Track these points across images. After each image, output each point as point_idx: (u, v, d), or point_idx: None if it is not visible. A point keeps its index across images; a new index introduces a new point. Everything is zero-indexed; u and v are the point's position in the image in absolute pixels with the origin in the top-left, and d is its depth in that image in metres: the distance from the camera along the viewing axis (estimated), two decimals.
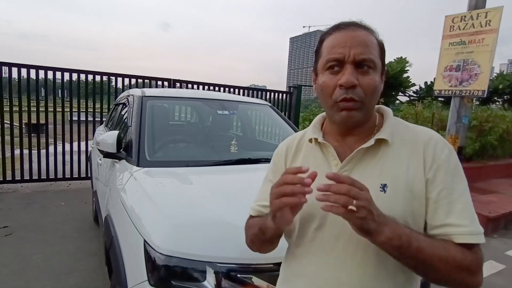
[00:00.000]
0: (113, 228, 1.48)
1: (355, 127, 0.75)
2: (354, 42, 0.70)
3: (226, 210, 1.19)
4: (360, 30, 0.72)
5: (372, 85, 0.70)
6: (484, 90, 4.05)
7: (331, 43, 0.72)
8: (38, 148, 4.70)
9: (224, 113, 2.40)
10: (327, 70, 0.72)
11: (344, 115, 0.71)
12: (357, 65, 0.69)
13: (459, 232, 0.66)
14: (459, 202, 0.68)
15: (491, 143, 6.04)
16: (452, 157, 0.71)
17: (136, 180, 1.56)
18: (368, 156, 0.73)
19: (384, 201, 0.67)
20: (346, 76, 0.68)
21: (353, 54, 0.69)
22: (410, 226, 0.67)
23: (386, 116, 0.78)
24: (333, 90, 0.71)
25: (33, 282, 2.32)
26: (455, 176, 0.70)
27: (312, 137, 0.80)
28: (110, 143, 1.83)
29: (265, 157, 2.05)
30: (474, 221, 0.68)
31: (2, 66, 4.28)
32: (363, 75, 0.69)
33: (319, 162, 0.78)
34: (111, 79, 5.12)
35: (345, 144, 0.77)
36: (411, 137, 0.74)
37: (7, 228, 3.18)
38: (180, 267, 1.06)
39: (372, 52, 0.70)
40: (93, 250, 2.81)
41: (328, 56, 0.72)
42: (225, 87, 5.76)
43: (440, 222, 0.68)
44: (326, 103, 0.74)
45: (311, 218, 0.76)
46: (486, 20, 4.09)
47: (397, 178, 0.70)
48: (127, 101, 2.53)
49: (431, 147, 0.71)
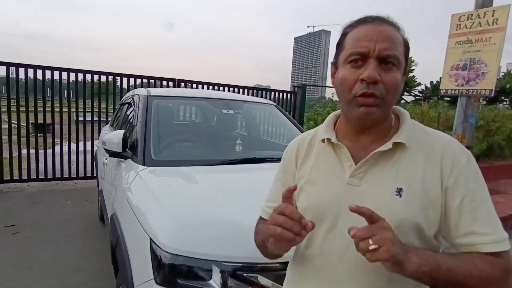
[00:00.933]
0: (119, 227, 1.49)
1: (371, 126, 0.73)
2: (380, 36, 0.67)
3: (232, 209, 1.19)
4: (386, 25, 0.69)
5: (394, 83, 0.68)
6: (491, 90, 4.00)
7: (356, 36, 0.70)
8: (44, 147, 4.75)
9: (229, 112, 2.40)
10: (349, 63, 0.70)
11: (362, 111, 0.68)
12: (380, 61, 0.67)
13: (485, 241, 0.65)
14: (483, 209, 0.67)
15: (498, 143, 5.97)
16: (471, 163, 0.70)
17: (142, 179, 1.57)
18: (383, 159, 0.71)
19: (399, 206, 0.66)
20: (369, 70, 0.66)
21: (378, 49, 0.66)
22: (424, 232, 0.67)
23: (403, 118, 0.76)
24: (354, 84, 0.68)
25: (40, 280, 2.34)
26: (476, 182, 0.68)
27: (325, 137, 0.77)
28: (116, 142, 1.84)
29: (270, 157, 2.05)
30: (498, 227, 0.67)
31: (10, 66, 4.32)
32: (386, 71, 0.67)
33: (332, 163, 0.76)
34: (116, 79, 5.15)
35: (358, 145, 0.74)
36: (428, 142, 0.72)
37: (14, 226, 3.21)
38: (186, 266, 1.06)
39: (397, 48, 0.68)
40: (98, 249, 2.83)
41: (352, 49, 0.69)
42: (230, 87, 5.77)
43: (465, 230, 0.67)
44: (344, 98, 0.71)
45: (322, 219, 0.74)
46: (494, 19, 4.04)
47: (413, 183, 0.68)
48: (132, 100, 2.54)
49: (449, 153, 0.69)
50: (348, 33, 0.72)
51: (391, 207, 0.67)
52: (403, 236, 0.64)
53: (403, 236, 0.64)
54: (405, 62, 0.72)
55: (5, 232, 3.09)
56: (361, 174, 0.71)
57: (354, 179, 0.71)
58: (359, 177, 0.71)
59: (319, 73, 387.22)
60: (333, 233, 0.72)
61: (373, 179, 0.70)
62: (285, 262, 1.09)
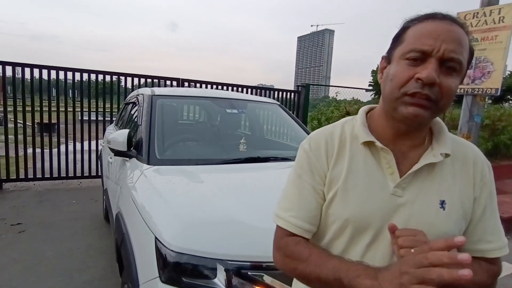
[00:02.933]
0: (124, 226, 1.50)
1: (415, 130, 0.68)
2: (448, 36, 0.61)
3: (236, 208, 1.19)
4: (457, 26, 0.63)
5: (452, 89, 0.62)
6: (497, 88, 3.96)
7: (420, 32, 0.63)
8: (50, 147, 4.79)
9: (233, 112, 2.40)
10: (406, 59, 0.63)
11: (410, 111, 0.62)
12: (442, 63, 0.61)
13: (490, 248, 0.69)
14: (493, 218, 0.70)
15: (504, 142, 5.92)
16: (491, 174, 0.72)
17: (147, 178, 1.58)
18: (425, 169, 0.67)
19: (443, 219, 0.66)
20: (429, 70, 0.60)
21: (443, 49, 0.60)
22: None
23: (440, 126, 0.72)
24: (406, 82, 0.62)
25: (46, 278, 2.36)
26: (493, 193, 0.71)
27: (366, 140, 0.69)
28: (121, 141, 1.85)
29: (274, 156, 2.05)
30: (501, 234, 0.71)
31: (15, 66, 4.36)
32: (446, 76, 0.61)
33: (372, 168, 0.69)
34: (121, 79, 5.18)
35: (397, 149, 0.69)
36: (461, 152, 0.71)
37: (21, 225, 3.25)
38: (190, 264, 1.07)
39: (463, 53, 0.62)
40: (103, 247, 2.85)
41: (414, 45, 0.62)
42: (233, 86, 5.77)
43: (477, 238, 0.70)
44: (392, 94, 0.64)
45: (363, 232, 0.67)
46: (500, 17, 4.00)
47: (453, 195, 0.68)
48: (137, 100, 2.56)
49: (479, 165, 0.71)
50: (410, 27, 0.65)
51: (436, 220, 0.66)
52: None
53: None
54: (466, 70, 0.66)
55: (11, 230, 3.12)
56: (405, 184, 0.67)
57: (399, 189, 0.67)
58: (403, 187, 0.67)
59: (323, 72, 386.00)
60: (374, 247, 0.68)
61: (416, 190, 0.67)
62: None
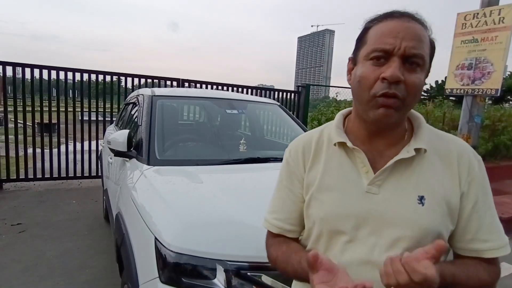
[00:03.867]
0: (124, 226, 1.50)
1: (387, 129, 0.69)
2: (408, 33, 0.62)
3: (236, 209, 1.19)
4: (415, 22, 0.64)
5: (417, 85, 0.63)
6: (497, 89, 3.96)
7: (381, 31, 0.65)
8: (50, 147, 4.79)
9: (233, 112, 2.40)
10: (370, 60, 0.65)
11: (381, 113, 0.63)
12: (405, 60, 0.62)
13: (487, 247, 0.66)
14: (488, 215, 0.67)
15: (504, 143, 5.93)
16: (482, 169, 0.69)
17: (147, 178, 1.58)
18: (402, 165, 0.67)
19: (423, 214, 0.64)
20: (392, 69, 0.61)
21: (404, 46, 0.62)
22: (443, 238, 0.66)
23: (419, 121, 0.72)
24: (373, 83, 0.64)
25: (46, 278, 2.36)
26: (484, 188, 0.68)
27: (338, 141, 0.72)
28: (121, 141, 1.86)
29: (274, 156, 2.05)
30: (500, 233, 0.68)
31: (16, 66, 4.37)
32: (410, 72, 0.63)
33: (346, 168, 0.71)
34: (121, 79, 5.18)
35: (373, 149, 0.70)
36: (444, 147, 0.70)
37: (21, 225, 3.25)
38: (190, 264, 1.07)
39: (424, 48, 0.64)
40: (103, 247, 2.85)
41: (376, 45, 0.64)
42: (234, 86, 5.78)
43: (470, 236, 0.67)
44: (362, 97, 0.66)
45: (341, 230, 0.69)
46: (500, 17, 4.01)
47: (434, 190, 0.66)
48: (137, 100, 2.56)
49: (466, 160, 0.68)
50: (371, 28, 0.67)
51: (414, 215, 0.65)
52: (423, 245, 0.60)
53: (423, 245, 0.60)
54: (429, 64, 0.68)
55: (11, 230, 3.12)
56: (380, 181, 0.68)
57: (373, 186, 0.68)
58: (377, 185, 0.68)
59: (323, 73, 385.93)
60: (353, 245, 0.68)
61: (393, 186, 0.67)
62: None
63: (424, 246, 0.59)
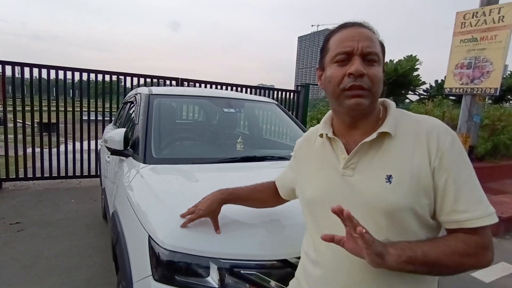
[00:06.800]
0: (119, 224, 1.50)
1: (360, 119, 0.79)
2: (362, 36, 0.75)
3: (230, 207, 1.19)
4: (364, 28, 0.78)
5: (377, 76, 0.75)
6: (496, 88, 3.96)
7: (340, 38, 0.78)
8: (49, 146, 4.80)
9: (231, 111, 2.40)
10: (335, 63, 0.77)
11: (353, 102, 0.74)
12: (363, 58, 0.74)
13: (466, 218, 0.68)
14: (466, 187, 0.70)
15: (504, 142, 5.91)
16: (455, 144, 0.72)
17: (142, 177, 1.58)
18: (373, 149, 0.77)
19: (389, 192, 0.71)
20: (355, 65, 0.73)
21: (361, 46, 0.74)
22: (419, 214, 0.71)
23: (389, 109, 0.81)
24: (341, 79, 0.75)
25: (44, 277, 2.37)
26: (459, 162, 0.71)
27: (322, 132, 0.86)
28: (117, 140, 1.86)
29: (270, 155, 2.05)
30: (481, 204, 0.69)
31: (15, 66, 4.38)
32: (369, 66, 0.74)
33: (329, 156, 0.84)
34: (120, 79, 5.19)
35: (351, 139, 0.81)
36: (414, 127, 0.76)
37: (19, 224, 3.26)
38: (184, 262, 1.07)
39: (376, 47, 0.77)
40: (102, 246, 2.86)
41: (338, 49, 0.76)
42: (233, 86, 5.77)
43: (448, 209, 0.70)
44: (334, 93, 0.78)
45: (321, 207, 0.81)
46: (499, 16, 3.99)
47: (401, 169, 0.72)
48: (134, 99, 2.56)
49: (434, 135, 0.73)
50: (330, 38, 0.81)
51: (382, 193, 0.72)
52: (400, 220, 0.71)
53: (399, 220, 0.71)
54: (383, 60, 0.80)
55: (10, 229, 3.13)
56: (353, 165, 0.78)
57: (348, 170, 0.78)
58: (351, 168, 0.78)
59: None
60: (329, 223, 0.76)
61: (364, 169, 0.76)
62: (282, 260, 1.10)
63: (398, 221, 0.71)
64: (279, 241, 1.16)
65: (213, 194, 1.14)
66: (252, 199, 1.16)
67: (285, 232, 1.21)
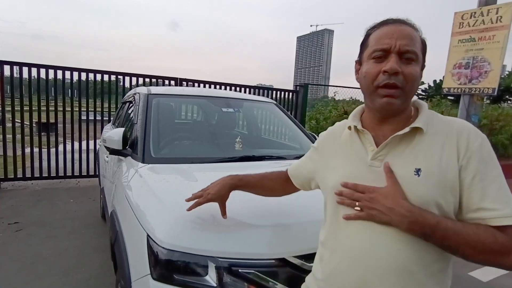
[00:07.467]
0: (118, 224, 1.50)
1: (392, 115, 0.80)
2: (401, 34, 0.76)
3: (228, 206, 1.19)
4: (406, 26, 0.78)
5: (413, 74, 0.76)
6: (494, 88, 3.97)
7: (379, 35, 0.78)
8: (48, 146, 4.80)
9: (229, 110, 2.41)
10: (372, 59, 0.78)
11: (384, 101, 0.76)
12: (401, 56, 0.75)
13: (493, 215, 0.69)
14: (493, 187, 0.71)
15: (502, 142, 5.94)
16: (485, 145, 0.74)
17: (141, 176, 1.58)
18: (403, 143, 0.78)
19: (417, 184, 0.73)
20: (390, 63, 0.74)
21: (398, 44, 0.75)
22: (443, 209, 0.72)
23: (422, 108, 0.83)
24: (376, 76, 0.77)
25: (43, 276, 2.37)
26: (488, 163, 0.73)
27: (351, 125, 0.87)
28: (116, 140, 1.86)
29: (269, 155, 2.05)
30: (509, 203, 0.70)
31: (14, 65, 4.37)
32: (406, 65, 0.75)
33: (357, 147, 0.85)
34: (119, 78, 5.18)
35: (381, 133, 0.82)
36: (445, 127, 0.78)
37: (18, 224, 3.25)
38: (182, 261, 1.07)
39: (415, 45, 0.77)
40: (100, 246, 2.86)
41: (376, 46, 0.78)
42: (232, 86, 5.78)
43: (475, 206, 0.72)
44: (368, 89, 0.80)
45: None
46: (497, 16, 4.01)
47: (430, 164, 0.74)
48: (133, 99, 2.56)
49: (465, 136, 0.75)
50: (371, 34, 0.82)
51: (410, 185, 0.73)
52: None
53: None
54: (423, 59, 0.80)
55: (9, 229, 3.13)
56: (381, 156, 0.79)
57: (376, 161, 0.80)
58: (380, 160, 0.79)
59: (322, 73, 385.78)
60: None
61: (393, 161, 0.77)
62: (280, 259, 1.10)
63: None
64: (278, 240, 1.16)
65: (223, 179, 1.14)
66: (261, 187, 1.16)
67: (283, 231, 1.21)
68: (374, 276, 0.74)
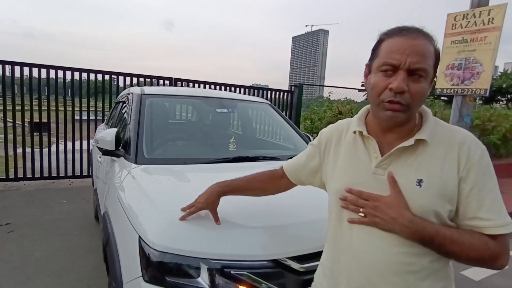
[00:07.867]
0: (110, 225, 1.49)
1: (396, 126, 0.81)
2: (412, 50, 0.73)
3: (221, 207, 1.19)
4: (420, 38, 0.75)
5: (420, 93, 0.75)
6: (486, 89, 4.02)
7: (390, 47, 0.76)
8: (40, 146, 4.74)
9: (223, 111, 2.40)
10: (381, 71, 0.78)
11: (388, 115, 0.77)
12: (409, 73, 0.74)
13: (487, 225, 0.74)
14: (488, 197, 0.75)
15: (494, 142, 6.01)
16: (484, 158, 0.77)
17: (134, 177, 1.57)
18: (407, 153, 0.79)
19: (419, 195, 0.75)
20: (398, 82, 0.74)
21: (409, 62, 0.73)
22: (442, 217, 0.76)
23: (426, 116, 0.83)
24: (383, 91, 0.77)
25: (34, 278, 2.34)
26: (485, 175, 0.76)
27: (356, 130, 0.87)
28: (109, 140, 1.84)
29: (263, 155, 2.05)
30: (502, 214, 0.75)
31: (5, 65, 4.31)
32: (414, 82, 0.75)
33: (362, 153, 0.85)
34: (113, 78, 5.14)
35: (385, 140, 0.83)
36: (447, 137, 0.79)
37: (10, 225, 3.21)
38: (174, 263, 1.07)
39: (427, 62, 0.75)
40: (93, 247, 2.83)
41: (385, 59, 0.76)
42: (227, 86, 5.77)
43: (471, 215, 0.75)
44: (374, 101, 0.80)
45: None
46: (489, 18, 4.05)
47: (432, 175, 0.76)
48: (127, 99, 2.54)
49: (466, 148, 0.77)
50: (383, 41, 0.79)
51: (412, 195, 0.76)
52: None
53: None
54: (434, 71, 0.79)
55: (0, 230, 3.09)
56: (385, 165, 0.80)
57: (379, 169, 0.81)
58: (383, 168, 0.80)
59: (317, 73, 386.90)
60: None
61: (397, 170, 0.79)
62: (272, 260, 1.10)
63: None
64: (270, 241, 1.17)
65: (211, 187, 1.17)
66: (251, 189, 1.17)
67: (276, 232, 1.21)
68: (378, 276, 0.78)
